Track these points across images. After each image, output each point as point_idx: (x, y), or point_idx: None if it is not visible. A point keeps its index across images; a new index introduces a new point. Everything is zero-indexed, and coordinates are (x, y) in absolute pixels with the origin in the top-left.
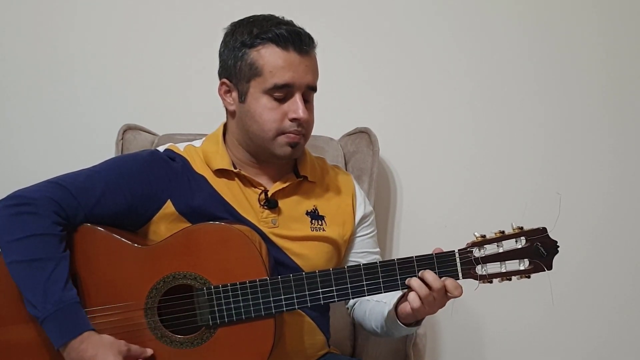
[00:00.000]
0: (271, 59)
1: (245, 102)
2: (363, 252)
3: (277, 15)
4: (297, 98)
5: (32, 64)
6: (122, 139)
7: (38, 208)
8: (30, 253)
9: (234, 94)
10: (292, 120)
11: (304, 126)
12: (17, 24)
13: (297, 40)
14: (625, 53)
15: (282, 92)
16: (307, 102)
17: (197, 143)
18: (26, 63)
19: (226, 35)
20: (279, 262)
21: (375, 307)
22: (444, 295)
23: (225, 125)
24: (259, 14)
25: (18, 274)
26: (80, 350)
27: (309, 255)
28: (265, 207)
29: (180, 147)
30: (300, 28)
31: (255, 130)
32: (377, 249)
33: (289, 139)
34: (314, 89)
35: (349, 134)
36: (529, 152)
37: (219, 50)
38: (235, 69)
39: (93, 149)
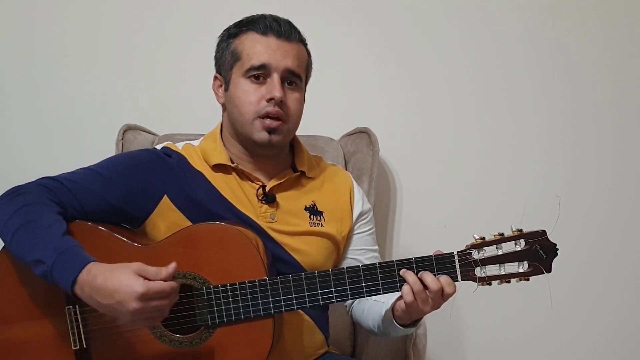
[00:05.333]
0: (250, 43)
1: (228, 89)
2: (361, 250)
3: (276, 14)
4: (275, 79)
5: (32, 65)
6: (122, 139)
7: (31, 191)
8: (25, 218)
9: (223, 86)
10: (269, 100)
11: (284, 110)
12: (15, 25)
13: (276, 26)
14: (628, 56)
15: (259, 73)
16: (293, 89)
17: (196, 142)
18: (25, 63)
19: (221, 34)
20: (278, 257)
21: (373, 306)
22: (441, 297)
23: (222, 122)
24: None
25: (18, 242)
26: (89, 280)
27: (308, 251)
28: (264, 201)
29: (179, 146)
30: (284, 19)
31: (236, 116)
32: (376, 247)
33: (265, 124)
34: (297, 75)
35: (349, 134)
36: (529, 154)
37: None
38: (222, 61)
39: (93, 149)
